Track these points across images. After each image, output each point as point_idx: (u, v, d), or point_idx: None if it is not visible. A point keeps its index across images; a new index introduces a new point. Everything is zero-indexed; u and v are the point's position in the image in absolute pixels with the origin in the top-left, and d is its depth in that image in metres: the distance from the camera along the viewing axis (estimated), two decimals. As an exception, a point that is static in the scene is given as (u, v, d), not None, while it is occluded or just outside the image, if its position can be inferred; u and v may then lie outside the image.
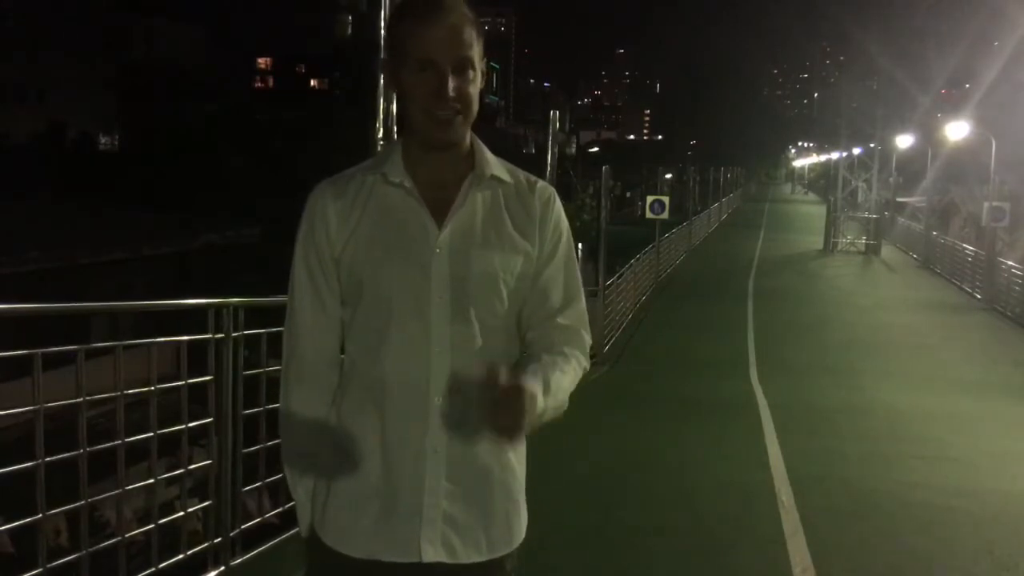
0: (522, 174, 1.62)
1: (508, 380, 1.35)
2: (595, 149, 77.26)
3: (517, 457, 1.61)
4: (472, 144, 1.56)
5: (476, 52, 1.49)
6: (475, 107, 1.51)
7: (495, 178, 1.56)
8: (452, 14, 1.46)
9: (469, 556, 1.54)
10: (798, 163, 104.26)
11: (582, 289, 1.65)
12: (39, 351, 2.80)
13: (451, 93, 1.45)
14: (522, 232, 1.56)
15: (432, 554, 1.52)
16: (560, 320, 1.59)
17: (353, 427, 1.54)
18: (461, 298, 1.50)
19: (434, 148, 1.53)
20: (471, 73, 1.48)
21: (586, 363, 1.61)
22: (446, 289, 1.50)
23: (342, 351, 1.61)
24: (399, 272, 1.50)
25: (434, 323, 1.49)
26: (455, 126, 1.49)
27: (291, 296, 1.59)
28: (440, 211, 1.52)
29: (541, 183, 1.62)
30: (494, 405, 1.34)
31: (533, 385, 1.40)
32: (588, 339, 1.63)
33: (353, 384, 1.56)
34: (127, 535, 3.18)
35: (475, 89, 1.50)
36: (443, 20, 1.45)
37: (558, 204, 1.62)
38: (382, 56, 1.56)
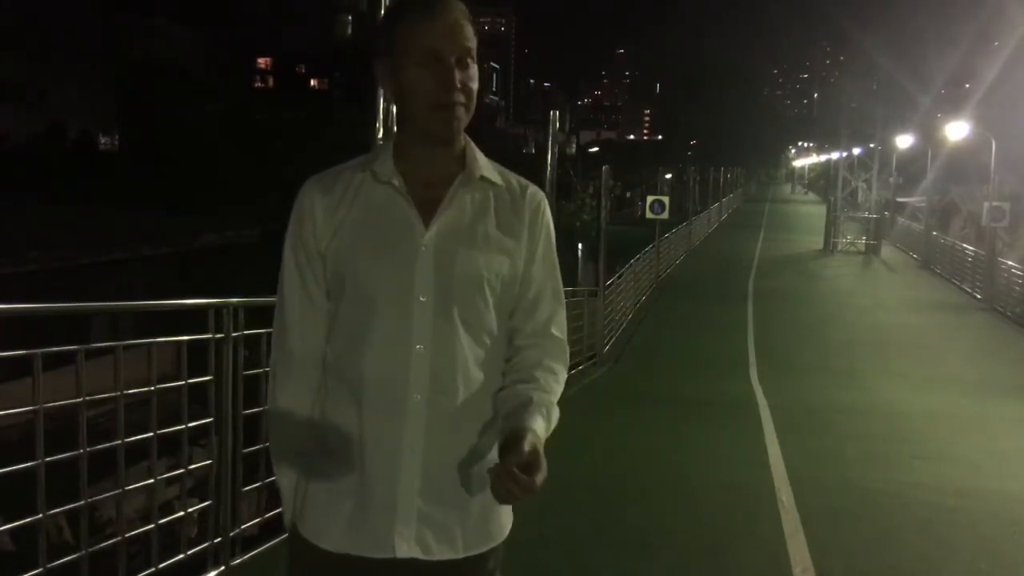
0: (513, 177, 1.62)
1: (528, 454, 1.40)
2: (595, 149, 77.26)
3: (495, 455, 1.60)
4: (464, 145, 1.57)
5: (474, 48, 1.51)
6: (475, 100, 1.52)
7: (485, 180, 1.56)
8: (453, 10, 1.48)
9: (443, 553, 1.54)
10: (798, 163, 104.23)
11: (563, 291, 1.68)
12: (39, 351, 2.80)
13: (457, 84, 1.47)
14: (509, 235, 1.56)
15: (406, 550, 1.52)
16: (552, 330, 1.63)
17: (332, 421, 1.55)
18: (444, 297, 1.51)
19: (437, 142, 1.53)
20: (473, 68, 1.50)
21: (565, 373, 1.67)
22: (430, 288, 1.50)
23: None
24: (383, 269, 1.50)
25: (416, 321, 1.50)
26: (459, 119, 1.50)
27: (280, 291, 1.60)
28: (428, 210, 1.52)
29: (532, 188, 1.62)
30: (513, 479, 1.37)
31: (539, 424, 1.49)
32: (567, 345, 1.67)
33: (334, 379, 1.56)
34: (127, 535, 3.18)
35: (476, 85, 1.51)
36: (445, 15, 1.47)
37: (547, 210, 1.63)
38: (377, 59, 1.55)
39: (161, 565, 3.29)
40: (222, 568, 3.57)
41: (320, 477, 1.56)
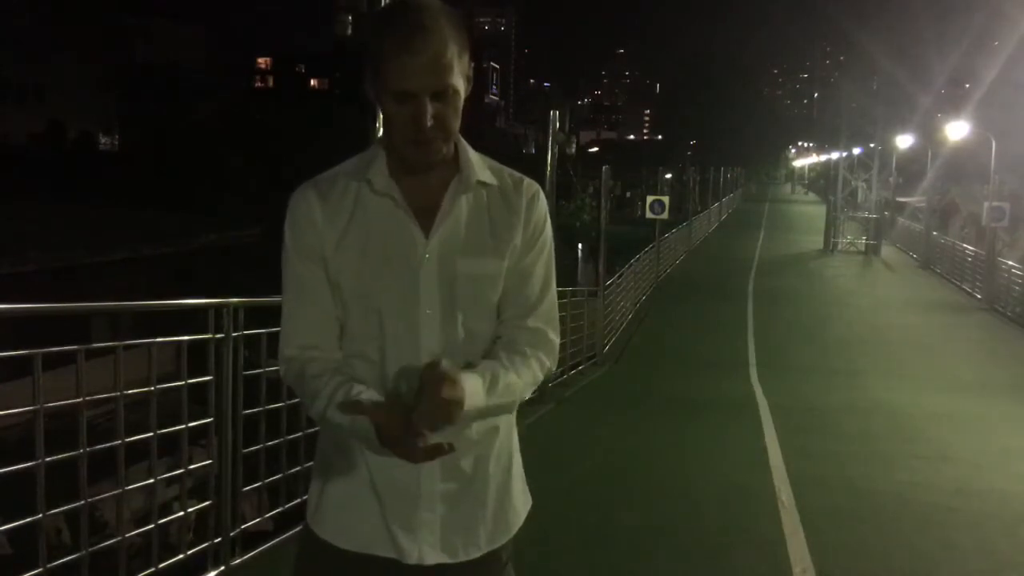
0: (507, 172, 1.61)
1: (441, 373, 1.36)
2: (595, 149, 77.24)
3: (507, 443, 1.61)
4: (456, 147, 1.54)
5: (459, 70, 1.45)
6: (455, 125, 1.48)
7: (480, 183, 1.55)
8: (432, 37, 1.40)
9: (469, 554, 1.56)
10: (798, 163, 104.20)
11: (555, 287, 1.64)
12: (39, 351, 2.80)
13: (429, 123, 1.44)
14: (506, 235, 1.55)
15: (433, 557, 1.53)
16: (529, 322, 1.58)
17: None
18: (449, 306, 1.51)
19: (413, 170, 1.51)
20: (451, 95, 1.45)
21: (550, 363, 1.61)
22: (435, 298, 1.50)
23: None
24: (388, 283, 1.49)
25: (423, 332, 1.50)
26: (434, 149, 1.48)
27: (289, 304, 1.56)
28: (426, 218, 1.51)
29: (527, 181, 1.61)
30: (421, 397, 1.36)
31: (471, 381, 1.42)
32: (555, 339, 1.62)
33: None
34: (127, 535, 3.18)
35: (455, 110, 1.47)
36: (423, 48, 1.40)
37: (542, 202, 1.61)
38: (365, 76, 1.53)
39: (161, 565, 3.29)
40: (222, 568, 3.57)
41: (338, 481, 1.56)
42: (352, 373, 1.52)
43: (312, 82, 65.57)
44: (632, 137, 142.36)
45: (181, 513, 3.54)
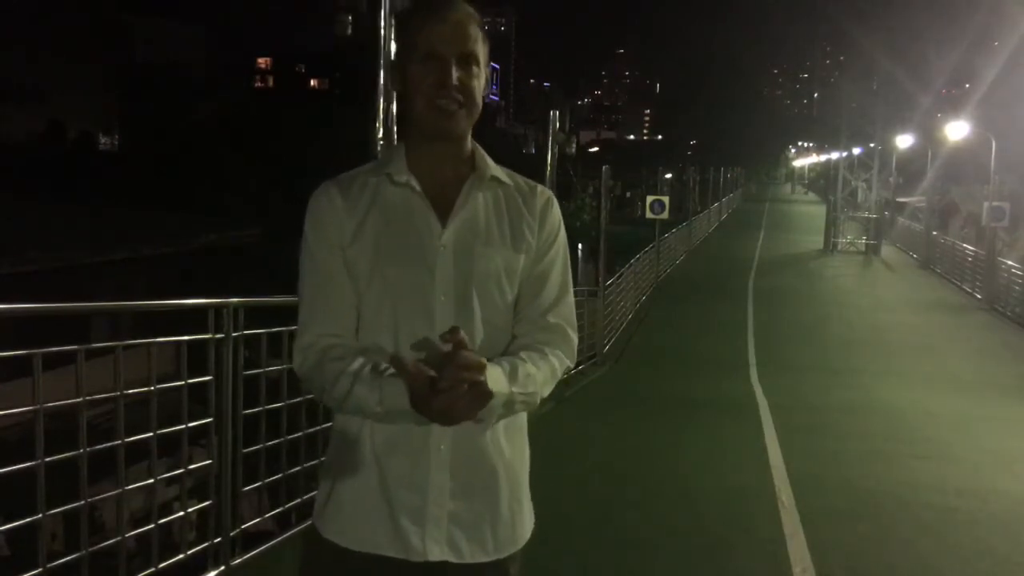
0: (520, 178, 1.66)
1: (459, 337, 1.35)
2: (595, 149, 77.29)
3: (520, 456, 1.63)
4: (473, 148, 1.61)
5: (480, 50, 1.55)
6: (478, 102, 1.55)
7: (495, 179, 1.60)
8: (459, 11, 1.53)
9: (475, 556, 1.55)
10: (798, 163, 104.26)
11: (571, 286, 1.67)
12: (39, 351, 2.80)
13: (454, 82, 1.50)
14: (522, 231, 1.60)
15: (438, 553, 1.52)
16: (549, 318, 1.61)
17: (358, 422, 1.54)
18: (464, 296, 1.53)
19: (436, 139, 1.56)
20: (475, 68, 1.54)
21: (569, 361, 1.63)
22: (450, 287, 1.52)
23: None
24: (405, 271, 1.52)
25: (438, 322, 1.51)
26: (457, 117, 1.53)
27: (310, 295, 1.56)
28: (443, 210, 1.56)
29: (540, 187, 1.67)
30: (444, 377, 1.33)
31: (492, 370, 1.41)
32: (574, 336, 1.64)
33: None
34: (127, 535, 3.18)
35: (478, 84, 1.55)
36: (451, 15, 1.52)
37: (556, 208, 1.67)
38: (393, 55, 1.60)
39: (161, 565, 3.29)
40: (222, 568, 3.57)
41: (346, 478, 1.56)
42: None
43: (312, 82, 65.62)
44: (632, 137, 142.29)
45: (181, 513, 3.54)
